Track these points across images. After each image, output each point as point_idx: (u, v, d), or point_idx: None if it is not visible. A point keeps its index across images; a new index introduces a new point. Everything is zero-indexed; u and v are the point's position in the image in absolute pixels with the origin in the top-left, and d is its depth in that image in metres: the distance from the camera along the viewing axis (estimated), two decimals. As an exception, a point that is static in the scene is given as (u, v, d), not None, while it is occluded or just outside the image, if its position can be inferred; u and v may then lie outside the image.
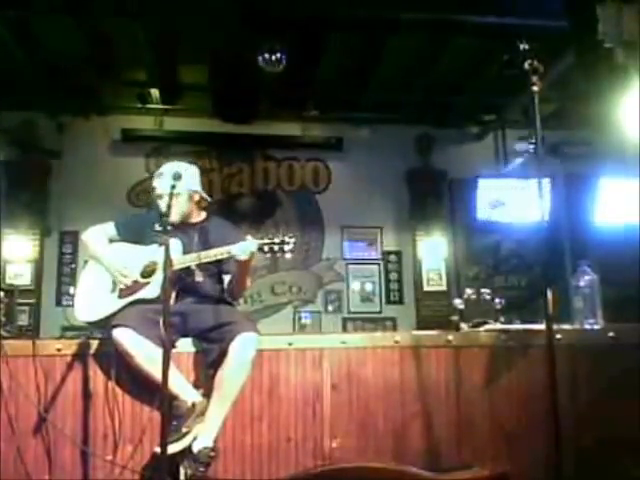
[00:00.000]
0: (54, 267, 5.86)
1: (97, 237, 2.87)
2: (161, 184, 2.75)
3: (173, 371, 2.40)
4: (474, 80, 5.62)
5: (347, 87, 5.75)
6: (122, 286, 2.68)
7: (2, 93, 5.29)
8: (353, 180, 6.38)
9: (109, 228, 2.90)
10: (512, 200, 6.01)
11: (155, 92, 5.76)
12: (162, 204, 2.71)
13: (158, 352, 2.23)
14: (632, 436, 2.71)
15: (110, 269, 2.73)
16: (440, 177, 6.42)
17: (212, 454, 2.44)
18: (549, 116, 5.51)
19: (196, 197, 2.88)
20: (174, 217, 2.74)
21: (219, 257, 2.62)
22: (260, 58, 4.67)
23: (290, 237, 2.57)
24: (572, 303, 3.08)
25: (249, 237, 2.57)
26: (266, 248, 2.55)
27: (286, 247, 2.55)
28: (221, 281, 2.84)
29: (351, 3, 4.33)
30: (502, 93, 5.62)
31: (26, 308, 5.51)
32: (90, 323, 2.70)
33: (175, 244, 2.62)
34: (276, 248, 2.55)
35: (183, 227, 2.81)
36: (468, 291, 3.26)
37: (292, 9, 4.30)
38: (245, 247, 2.54)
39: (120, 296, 2.69)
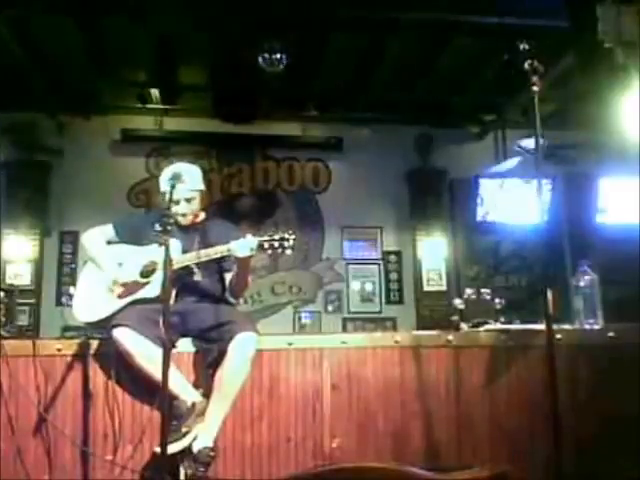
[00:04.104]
0: (54, 267, 5.86)
1: (95, 239, 2.87)
2: (180, 187, 2.70)
3: (173, 371, 2.40)
4: (474, 80, 5.62)
5: (347, 87, 5.74)
6: (118, 291, 2.68)
7: (2, 93, 5.29)
8: (353, 180, 6.37)
9: (108, 230, 2.90)
10: (512, 200, 6.01)
11: (155, 92, 5.75)
12: (179, 208, 2.75)
13: (158, 352, 2.23)
14: (632, 436, 2.71)
15: (106, 274, 2.73)
16: (440, 177, 6.41)
17: (212, 454, 2.44)
18: (549, 116, 5.50)
19: (203, 195, 2.91)
20: (187, 218, 2.78)
21: (219, 255, 2.62)
22: (260, 58, 4.66)
23: (290, 234, 2.57)
24: (572, 303, 3.08)
25: (249, 235, 2.57)
26: (266, 245, 2.55)
27: (286, 244, 2.55)
28: (221, 280, 2.84)
29: (351, 3, 4.33)
30: (502, 93, 5.62)
31: (26, 308, 5.49)
32: (90, 324, 2.69)
33: (175, 244, 2.62)
34: (276, 245, 2.55)
35: (183, 228, 2.81)
36: (468, 291, 3.26)
37: (292, 9, 4.30)
38: (244, 244, 2.54)
39: (120, 296, 2.69)
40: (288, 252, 2.57)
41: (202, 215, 2.96)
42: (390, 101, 6.01)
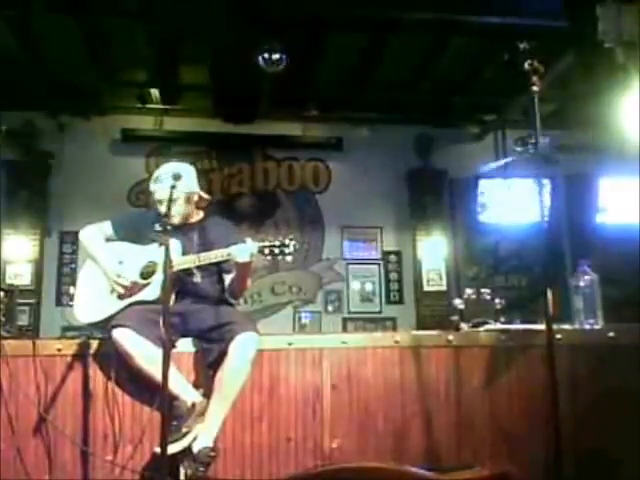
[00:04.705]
0: (54, 267, 5.86)
1: (94, 237, 2.85)
2: (159, 188, 2.75)
3: (173, 371, 2.40)
4: (474, 80, 5.62)
5: (347, 87, 5.75)
6: (120, 290, 2.67)
7: (2, 93, 5.29)
8: (353, 180, 6.38)
9: (106, 227, 2.88)
10: (512, 200, 6.01)
11: (155, 92, 5.76)
12: (162, 208, 2.69)
13: (158, 352, 2.23)
14: (632, 436, 2.71)
15: (107, 273, 2.72)
16: (440, 177, 6.42)
17: (212, 454, 2.44)
18: (549, 116, 5.50)
19: (195, 198, 2.87)
20: (174, 220, 2.75)
21: (219, 259, 2.62)
22: (260, 58, 4.67)
23: (290, 240, 2.57)
24: (572, 303, 3.08)
25: (249, 239, 2.56)
26: (266, 251, 2.55)
27: (286, 250, 2.55)
28: (220, 281, 2.83)
29: (351, 3, 4.33)
30: (502, 93, 5.62)
31: (26, 308, 5.50)
32: (90, 324, 2.69)
33: (175, 244, 2.62)
34: (276, 251, 2.55)
35: (182, 227, 2.80)
36: (468, 291, 3.26)
37: (292, 9, 4.30)
38: (245, 249, 2.53)
39: (120, 297, 2.69)
40: (288, 259, 2.56)
41: (200, 214, 2.95)
42: (390, 101, 6.01)
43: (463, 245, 6.36)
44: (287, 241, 2.55)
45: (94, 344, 2.61)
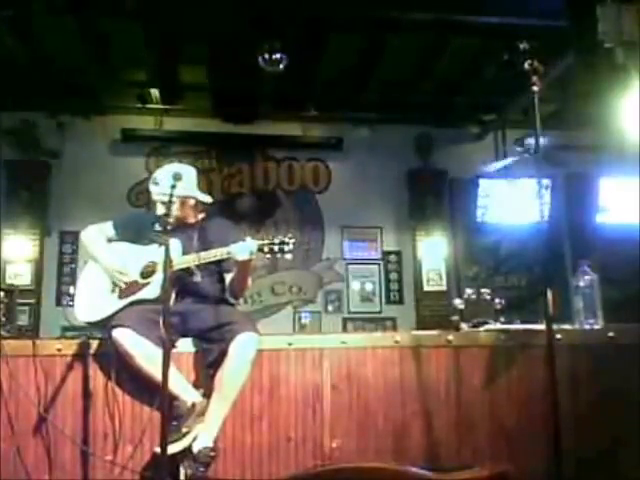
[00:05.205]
0: (54, 267, 5.85)
1: (95, 237, 2.87)
2: (156, 190, 2.77)
3: (173, 371, 2.40)
4: (474, 80, 5.62)
5: (347, 87, 5.75)
6: (122, 285, 2.68)
7: (2, 93, 5.29)
8: (353, 180, 6.38)
9: (107, 227, 2.90)
10: (512, 200, 6.01)
11: (155, 92, 5.76)
12: (159, 210, 2.73)
13: (158, 352, 2.23)
14: (632, 436, 2.71)
15: (108, 269, 2.73)
16: (440, 177, 6.41)
17: (212, 454, 2.45)
18: (549, 116, 5.50)
19: (191, 202, 2.86)
20: (172, 220, 2.75)
21: (219, 257, 2.62)
22: (260, 58, 4.66)
23: (290, 238, 2.57)
24: (572, 303, 3.08)
25: (248, 238, 2.57)
26: (266, 249, 2.55)
27: (286, 248, 2.56)
28: (221, 280, 2.84)
29: (351, 3, 4.33)
30: (502, 93, 5.62)
31: (26, 308, 5.49)
32: (90, 323, 2.70)
33: (175, 244, 2.62)
34: (276, 249, 2.55)
35: (182, 227, 2.81)
36: (468, 291, 3.26)
37: (292, 9, 4.30)
38: (244, 247, 2.54)
39: (120, 296, 2.69)
40: (288, 257, 2.57)
41: (201, 214, 2.95)
42: (390, 101, 6.01)
43: (463, 245, 6.35)
44: (286, 239, 2.56)
45: (94, 344, 2.61)
